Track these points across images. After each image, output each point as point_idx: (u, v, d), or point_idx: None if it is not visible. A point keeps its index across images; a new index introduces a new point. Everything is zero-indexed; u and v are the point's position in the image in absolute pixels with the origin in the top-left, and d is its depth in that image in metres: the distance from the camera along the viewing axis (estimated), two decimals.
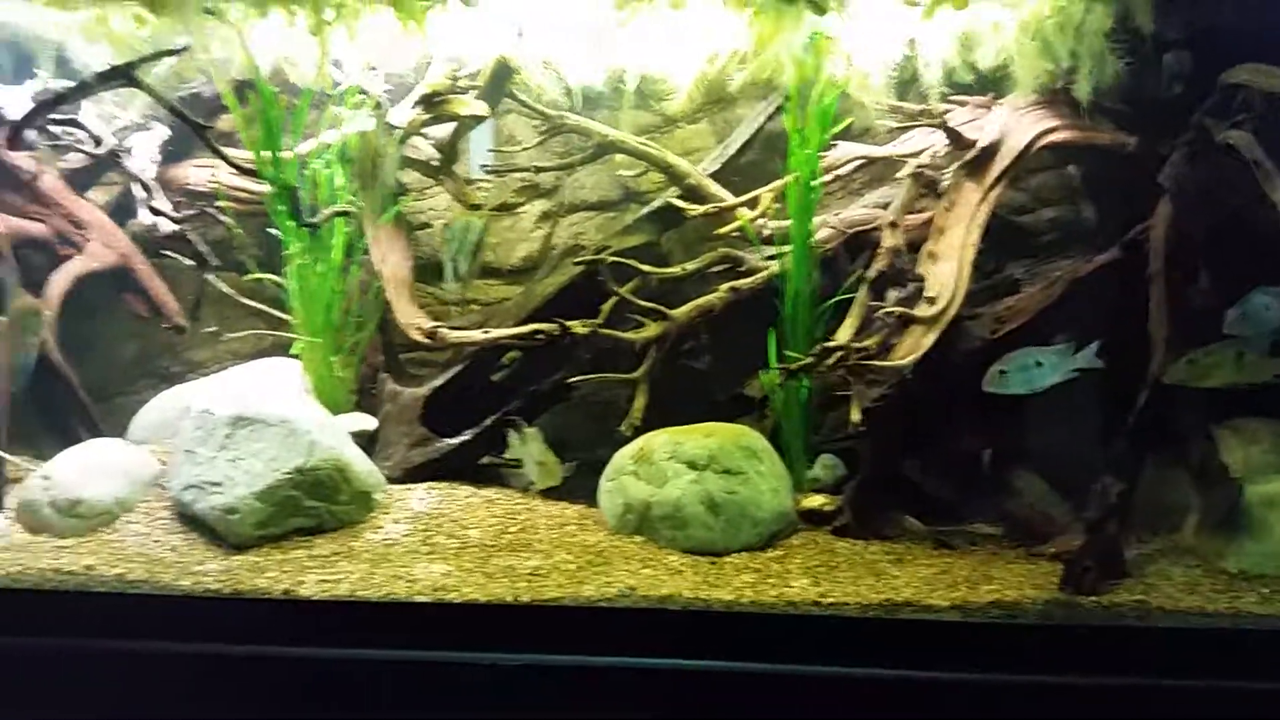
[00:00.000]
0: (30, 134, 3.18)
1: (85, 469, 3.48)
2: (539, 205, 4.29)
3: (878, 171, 3.90)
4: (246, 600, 2.90)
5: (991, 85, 3.54)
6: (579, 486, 3.69)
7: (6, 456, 3.58)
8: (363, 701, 2.77)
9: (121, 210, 4.04)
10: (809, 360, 3.31)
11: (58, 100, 2.96)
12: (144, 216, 3.35)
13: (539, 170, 4.10)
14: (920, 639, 2.83)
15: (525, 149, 4.06)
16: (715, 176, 3.91)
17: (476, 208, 3.85)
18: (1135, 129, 3.46)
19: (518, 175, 4.19)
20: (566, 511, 3.60)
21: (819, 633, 2.84)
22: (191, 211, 3.13)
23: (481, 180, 4.07)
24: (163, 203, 3.24)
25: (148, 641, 2.82)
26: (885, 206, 3.73)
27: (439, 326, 3.83)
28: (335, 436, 3.54)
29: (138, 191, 3.41)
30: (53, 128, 3.44)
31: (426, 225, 4.25)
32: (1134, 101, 3.41)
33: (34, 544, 3.32)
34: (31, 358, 3.42)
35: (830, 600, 2.89)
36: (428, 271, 4.18)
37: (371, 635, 2.83)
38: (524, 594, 2.90)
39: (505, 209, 4.17)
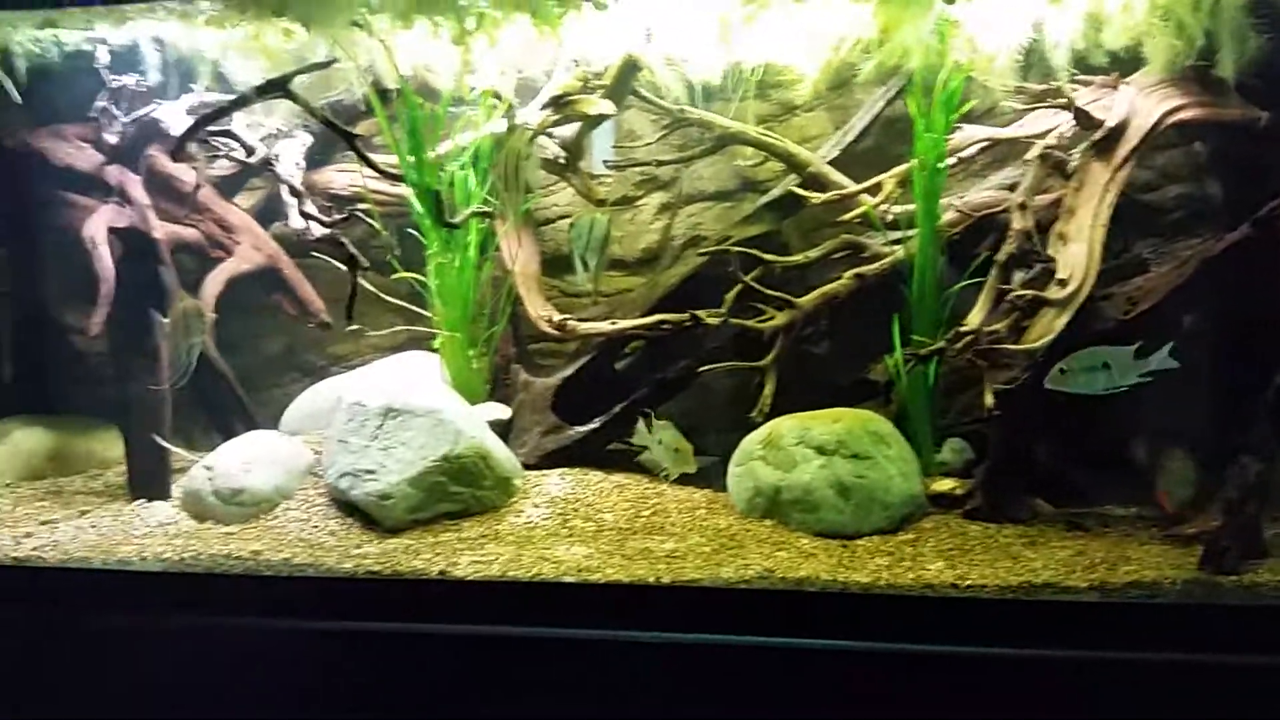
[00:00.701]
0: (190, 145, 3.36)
1: (246, 459, 3.71)
2: (657, 197, 4.39)
3: (999, 153, 3.88)
4: (407, 581, 3.07)
5: (1121, 65, 3.50)
6: (705, 471, 3.79)
7: (171, 448, 3.85)
8: (518, 677, 2.92)
9: (266, 214, 4.30)
10: (941, 344, 3.33)
11: (219, 113, 3.15)
12: (295, 220, 3.54)
13: (660, 164, 4.19)
14: (1061, 620, 2.86)
15: (647, 144, 4.15)
16: (834, 163, 3.94)
17: (602, 203, 3.97)
18: (1268, 104, 3.40)
19: (638, 169, 4.29)
20: (695, 496, 3.70)
21: (958, 614, 2.89)
22: (341, 215, 3.29)
23: (604, 175, 4.18)
24: (312, 207, 3.42)
25: (316, 621, 3.03)
26: (1009, 188, 3.73)
27: (568, 318, 3.97)
28: (477, 426, 3.71)
29: (287, 197, 3.60)
30: (210, 138, 3.64)
31: (551, 221, 4.39)
32: (1267, 77, 3.35)
33: (201, 530, 3.56)
34: (194, 355, 3.64)
35: (968, 583, 2.93)
36: (554, 265, 4.34)
37: (524, 614, 2.99)
38: (665, 575, 3.01)
39: (626, 202, 4.27)
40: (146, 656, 3.05)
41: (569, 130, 3.94)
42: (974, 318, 3.31)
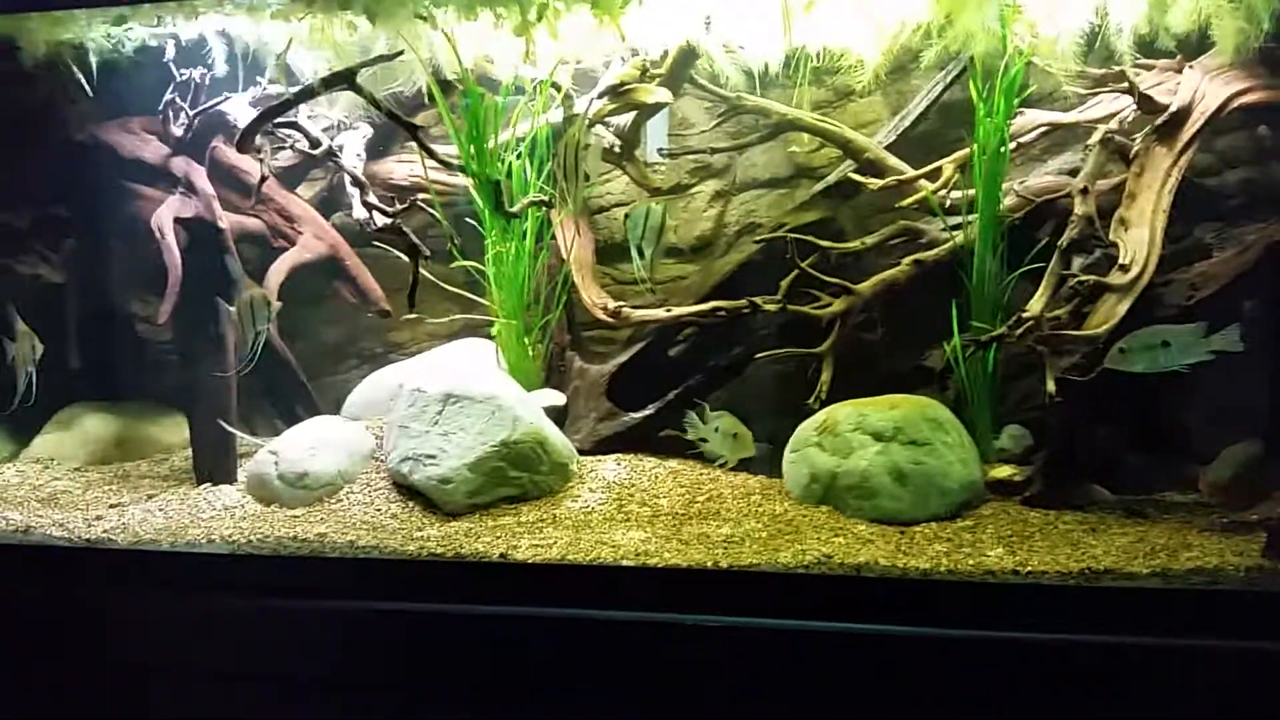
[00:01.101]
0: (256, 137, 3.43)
1: (310, 444, 3.78)
2: (711, 185, 4.40)
3: (1058, 138, 3.86)
4: (469, 563, 3.13)
5: (1185, 48, 3.45)
6: (756, 458, 3.80)
7: (237, 432, 3.94)
8: (578, 659, 2.97)
9: (325, 204, 4.37)
10: (1002, 330, 3.32)
11: (285, 105, 3.21)
12: (358, 211, 3.60)
13: (714, 151, 4.21)
14: (1123, 606, 2.85)
15: (703, 132, 4.16)
16: (890, 148, 3.93)
17: (657, 191, 3.99)
18: None
19: (692, 157, 4.31)
20: (749, 482, 3.72)
21: (1020, 600, 2.88)
22: (404, 205, 3.35)
23: (657, 163, 4.20)
24: (374, 198, 3.48)
25: (382, 602, 3.08)
26: (1069, 173, 3.71)
27: (622, 305, 4.00)
28: (534, 412, 3.75)
29: (350, 187, 3.66)
30: (275, 130, 3.71)
31: (605, 209, 4.42)
32: None
33: (267, 514, 3.63)
34: (260, 343, 3.71)
35: (1029, 569, 2.93)
36: (607, 253, 4.38)
37: (584, 597, 3.02)
38: (722, 560, 3.04)
39: (679, 190, 4.29)
40: (215, 638, 3.13)
41: (624, 119, 3.97)
42: (1035, 304, 3.29)
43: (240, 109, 4.01)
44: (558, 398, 4.06)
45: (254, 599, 3.14)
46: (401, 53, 3.17)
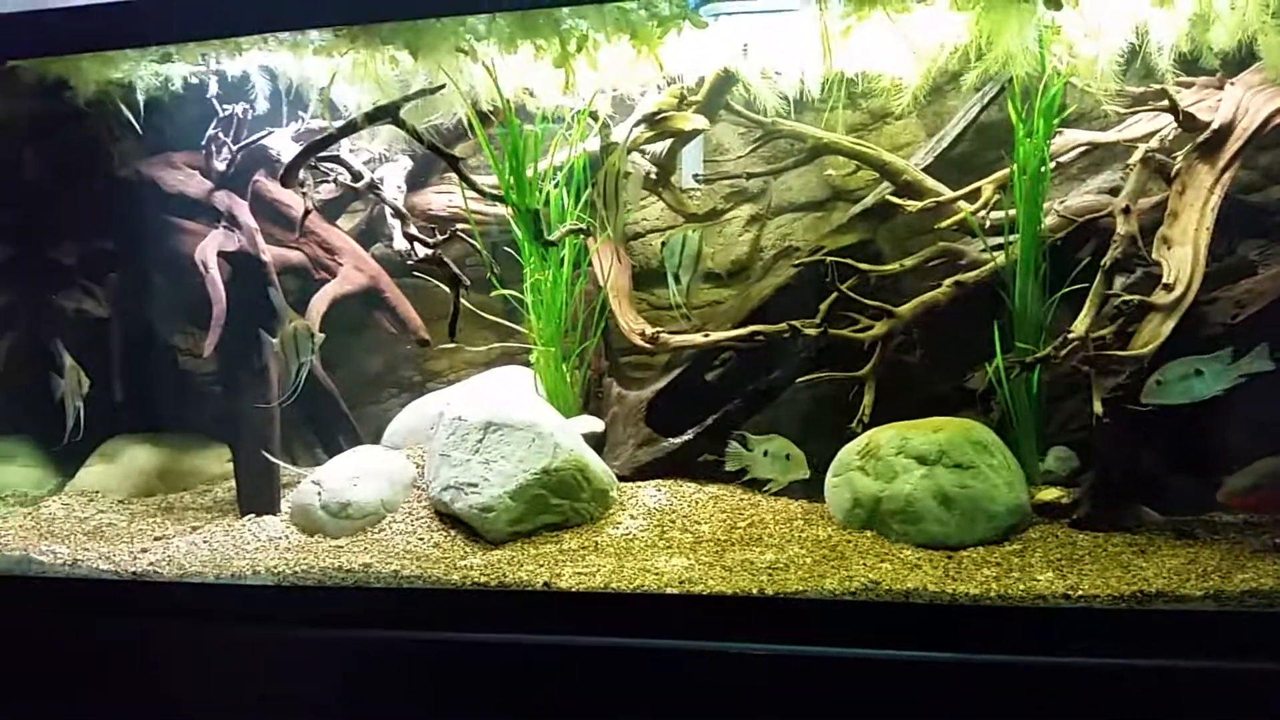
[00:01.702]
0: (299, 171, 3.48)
1: (352, 474, 3.80)
2: (746, 209, 4.40)
3: (1097, 157, 3.84)
4: (513, 592, 3.12)
5: (1227, 65, 3.43)
6: (799, 483, 3.77)
7: (281, 463, 3.97)
8: (626, 688, 2.96)
9: (365, 235, 4.42)
10: (1047, 351, 3.30)
11: (328, 139, 3.26)
12: (399, 242, 3.64)
13: (750, 176, 4.21)
14: (1176, 629, 2.81)
15: (739, 157, 4.18)
16: (928, 170, 3.92)
17: (694, 217, 4.00)
18: None
19: (727, 182, 4.32)
20: (791, 507, 3.70)
21: (1072, 625, 2.84)
22: (444, 236, 3.38)
23: (693, 189, 4.21)
24: (414, 229, 3.51)
25: (426, 631, 3.09)
26: (1109, 192, 3.69)
27: (660, 331, 4.01)
28: (573, 439, 3.76)
29: (391, 219, 3.70)
30: (318, 164, 3.76)
31: (641, 235, 4.44)
32: None
33: (311, 544, 3.65)
34: (303, 374, 3.75)
35: (1080, 593, 2.89)
36: (644, 279, 4.39)
37: (630, 625, 3.01)
38: (768, 587, 3.02)
39: (715, 215, 4.30)
40: (262, 669, 3.14)
41: (660, 146, 3.99)
42: (1080, 324, 3.26)
43: (282, 143, 4.07)
44: (596, 424, 4.06)
45: (300, 630, 3.16)
46: (443, 86, 3.20)
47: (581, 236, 3.87)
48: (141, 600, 3.42)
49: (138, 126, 3.97)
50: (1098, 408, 3.15)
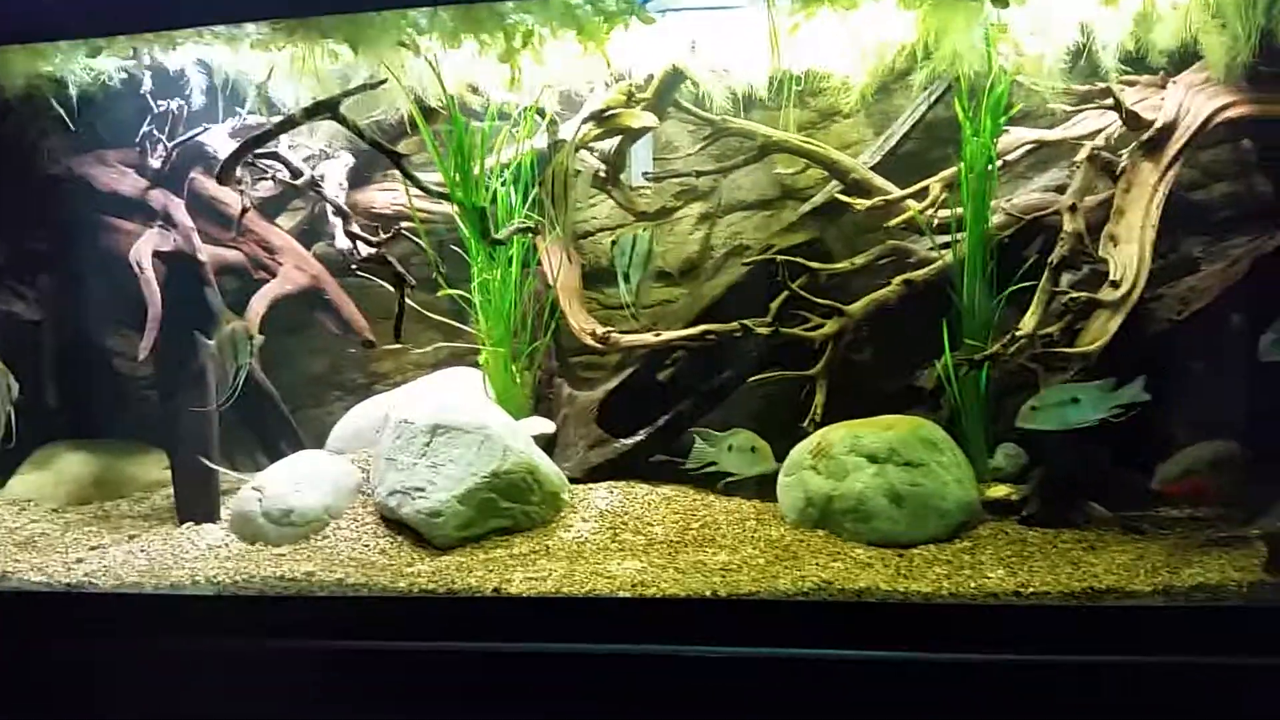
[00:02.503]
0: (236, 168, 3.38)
1: (294, 480, 3.71)
2: (696, 208, 4.38)
3: (1043, 155, 3.86)
4: (462, 599, 3.06)
5: (1169, 63, 3.48)
6: (748, 482, 3.75)
7: (220, 469, 3.86)
8: (579, 693, 2.90)
9: (306, 234, 4.31)
10: (995, 349, 3.31)
11: (266, 136, 3.16)
12: (340, 241, 3.55)
13: (700, 175, 4.19)
14: (1126, 625, 2.83)
15: (688, 155, 4.15)
16: (876, 168, 3.92)
17: (643, 215, 3.96)
18: None
19: (677, 180, 4.29)
20: (744, 507, 3.68)
21: (1024, 622, 2.85)
22: (388, 234, 3.30)
23: (643, 188, 4.18)
24: (357, 227, 3.43)
25: (373, 642, 3.00)
26: (1055, 190, 3.72)
27: (610, 331, 3.96)
28: (523, 441, 3.70)
29: (333, 217, 3.62)
30: (256, 161, 3.66)
31: (590, 234, 4.39)
32: None
33: (252, 552, 3.55)
34: (241, 377, 3.65)
35: (1031, 590, 2.90)
36: (593, 278, 4.34)
37: (582, 630, 2.97)
38: (720, 589, 2.98)
39: (665, 214, 4.26)
40: (202, 681, 3.03)
41: (609, 143, 3.95)
42: (1028, 321, 3.28)
43: (219, 140, 3.95)
44: (547, 426, 4.01)
45: (241, 641, 3.05)
46: (384, 81, 3.14)
47: (530, 235, 3.82)
48: (76, 612, 3.29)
49: (69, 122, 3.84)
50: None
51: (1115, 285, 3.27)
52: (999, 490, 3.50)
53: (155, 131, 4.01)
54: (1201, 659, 2.68)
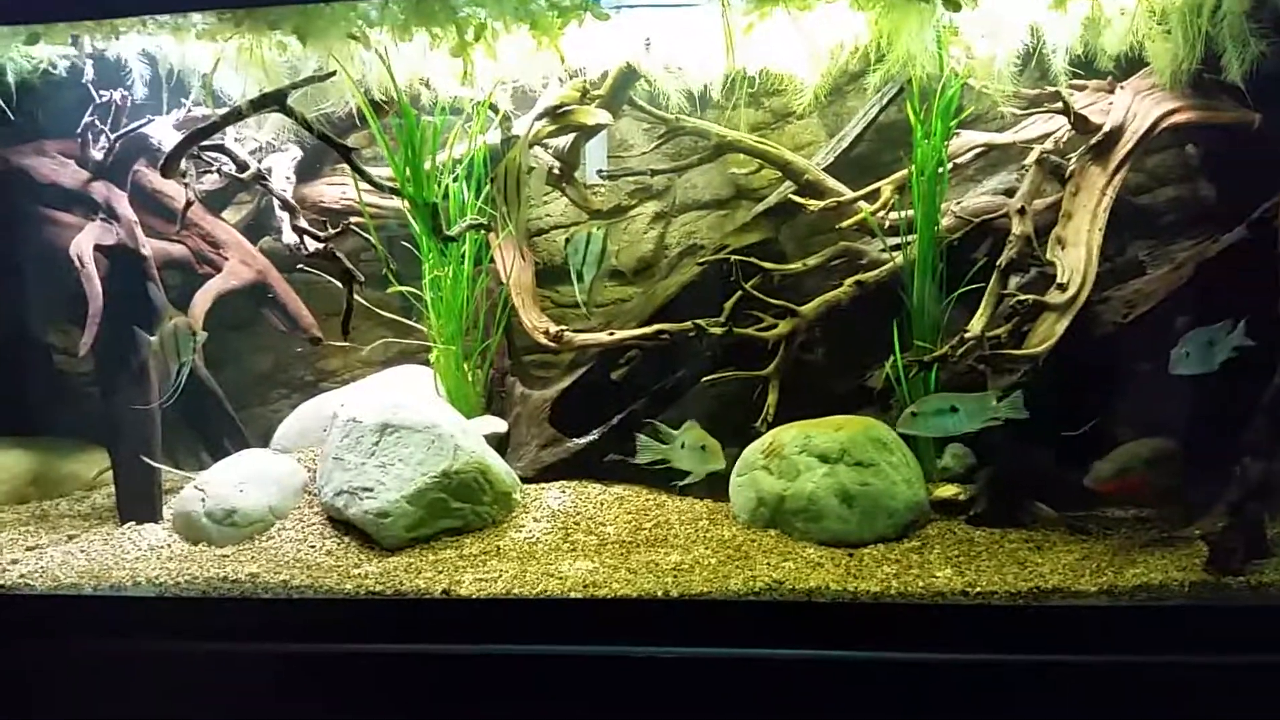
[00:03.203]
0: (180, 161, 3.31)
1: (239, 479, 3.65)
2: (651, 207, 4.37)
3: (993, 158, 3.90)
4: (410, 601, 3.02)
5: (1117, 69, 3.52)
6: (700, 482, 3.75)
7: (164, 467, 3.79)
8: (527, 697, 2.88)
9: (253, 229, 4.24)
10: (944, 350, 3.33)
11: (212, 128, 3.10)
12: (287, 236, 3.49)
13: (655, 173, 4.18)
14: (1071, 624, 2.86)
15: (643, 153, 4.14)
16: (829, 170, 3.94)
17: (598, 213, 3.94)
18: (1261, 106, 3.43)
19: (631, 178, 4.28)
20: (696, 507, 3.68)
21: (970, 621, 2.87)
22: (336, 230, 3.25)
23: (597, 185, 4.16)
24: (304, 222, 3.37)
25: (317, 645, 2.96)
26: (1004, 193, 3.76)
27: (564, 330, 3.94)
28: (475, 440, 3.66)
29: (280, 211, 3.56)
30: (201, 153, 3.58)
31: (544, 231, 4.37)
32: (1260, 79, 3.38)
33: (195, 553, 3.48)
34: (184, 374, 3.57)
35: (978, 590, 2.93)
36: (547, 276, 4.32)
37: (532, 632, 2.94)
38: (672, 589, 2.98)
39: (619, 212, 4.25)
40: (143, 685, 2.97)
41: (563, 140, 3.92)
42: (976, 323, 3.31)
43: (163, 131, 3.86)
44: (499, 425, 3.98)
45: (183, 644, 3.00)
46: (334, 73, 3.08)
47: (483, 232, 3.78)
48: (11, 615, 3.21)
49: (7, 112, 3.73)
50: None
51: (1062, 288, 3.31)
52: (947, 490, 3.53)
53: (97, 122, 3.91)
54: (1146, 658, 2.73)
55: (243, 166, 3.40)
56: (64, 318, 4.17)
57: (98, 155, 3.95)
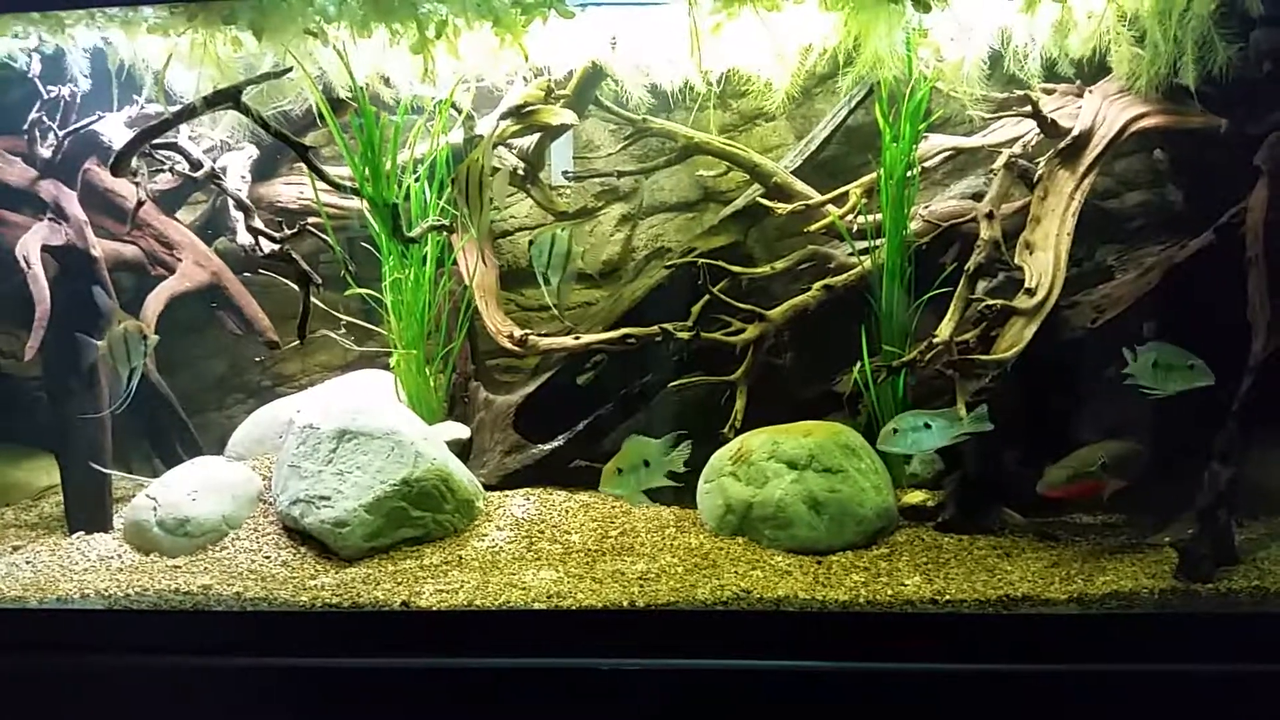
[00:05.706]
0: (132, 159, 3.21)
1: (191, 487, 3.55)
2: (618, 209, 4.32)
3: (961, 162, 3.89)
4: (368, 613, 2.94)
5: (1086, 73, 3.51)
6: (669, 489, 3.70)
7: (117, 473, 3.69)
8: (490, 711, 2.81)
9: (207, 229, 4.14)
10: (913, 355, 3.31)
11: (164, 125, 3.00)
12: (242, 236, 3.40)
13: (621, 175, 4.13)
14: (1041, 633, 2.84)
15: (610, 155, 4.08)
16: (797, 173, 3.91)
17: (564, 215, 3.89)
18: (1227, 111, 3.43)
19: (598, 180, 4.22)
20: (663, 514, 3.62)
21: (940, 630, 2.84)
22: (293, 231, 3.17)
23: (563, 187, 4.10)
24: (260, 222, 3.29)
25: (271, 659, 2.88)
26: (972, 197, 3.74)
27: (529, 333, 3.87)
28: (436, 447, 3.59)
29: (234, 211, 3.47)
30: (153, 152, 3.48)
31: (509, 233, 4.30)
32: (1226, 84, 3.38)
33: (146, 564, 3.39)
34: (135, 379, 3.47)
35: (947, 598, 2.89)
36: (511, 279, 4.27)
37: (494, 644, 2.88)
38: (639, 599, 2.93)
39: (585, 214, 4.20)
40: (92, 703, 2.89)
41: (528, 140, 3.86)
42: (944, 328, 3.28)
43: (114, 129, 3.75)
44: (461, 431, 3.91)
45: (133, 658, 2.91)
46: (290, 70, 3.00)
47: (445, 233, 3.71)
48: None
49: None
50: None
51: (1031, 293, 3.29)
52: (915, 496, 3.50)
53: (45, 119, 3.79)
54: (1115, 666, 2.71)
55: (196, 165, 3.31)
56: (10, 320, 4.03)
57: (46, 153, 3.82)
